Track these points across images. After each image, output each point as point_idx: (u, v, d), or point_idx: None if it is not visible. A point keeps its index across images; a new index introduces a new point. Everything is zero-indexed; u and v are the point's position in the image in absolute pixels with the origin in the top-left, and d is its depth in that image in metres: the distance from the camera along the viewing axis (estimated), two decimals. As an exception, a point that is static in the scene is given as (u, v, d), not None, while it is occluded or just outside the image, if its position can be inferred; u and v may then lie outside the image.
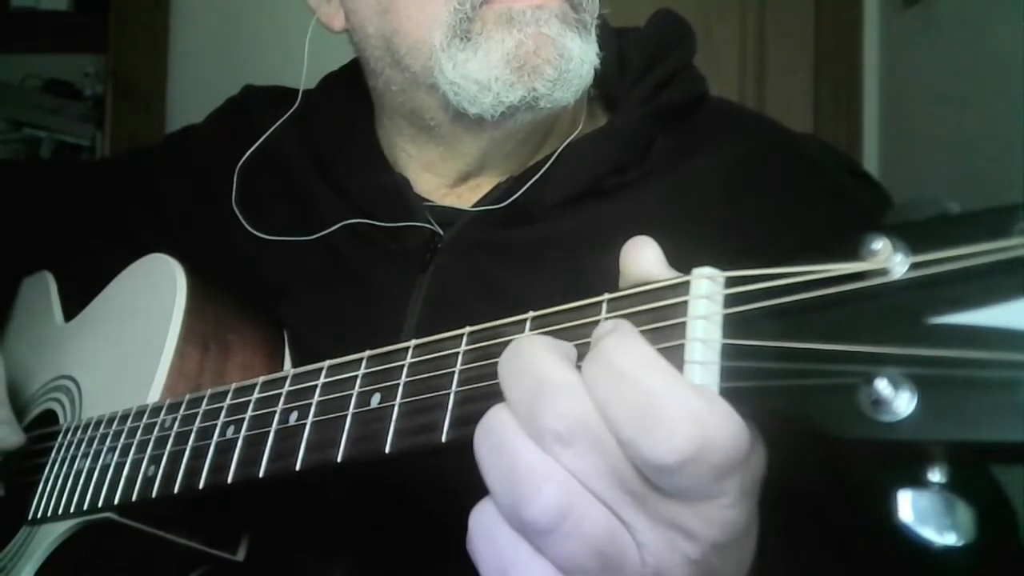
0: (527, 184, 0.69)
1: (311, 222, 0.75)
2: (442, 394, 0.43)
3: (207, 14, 2.03)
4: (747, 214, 0.66)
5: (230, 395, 0.56)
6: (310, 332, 0.72)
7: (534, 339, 0.37)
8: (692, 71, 0.75)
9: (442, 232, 0.71)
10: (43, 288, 0.89)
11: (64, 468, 0.67)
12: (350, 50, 0.77)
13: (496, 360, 0.38)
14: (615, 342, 0.35)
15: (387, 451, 0.44)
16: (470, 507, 0.37)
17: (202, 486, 0.54)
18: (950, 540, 0.30)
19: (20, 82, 2.00)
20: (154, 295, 0.71)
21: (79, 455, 0.66)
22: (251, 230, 0.77)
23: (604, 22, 0.70)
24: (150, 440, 0.60)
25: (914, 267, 0.31)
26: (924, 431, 0.29)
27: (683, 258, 0.40)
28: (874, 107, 2.05)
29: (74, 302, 0.84)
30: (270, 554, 0.66)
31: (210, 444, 0.55)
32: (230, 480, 0.52)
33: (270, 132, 0.80)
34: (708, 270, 0.37)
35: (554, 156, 0.70)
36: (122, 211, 0.90)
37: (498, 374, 0.37)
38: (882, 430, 0.30)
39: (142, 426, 0.61)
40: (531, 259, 0.68)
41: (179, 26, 2.01)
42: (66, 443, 0.68)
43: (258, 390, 0.54)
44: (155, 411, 0.61)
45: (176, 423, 0.58)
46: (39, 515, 0.67)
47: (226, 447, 0.54)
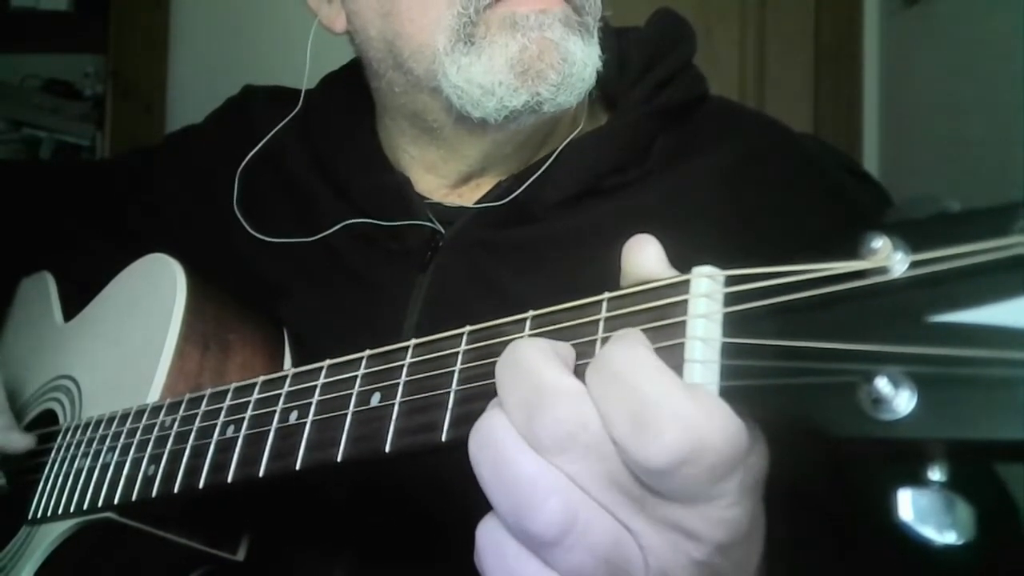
0: (527, 182, 0.69)
1: (311, 222, 0.75)
2: (442, 393, 0.43)
3: (207, 14, 2.03)
4: (747, 213, 0.66)
5: (230, 394, 0.56)
6: (310, 332, 0.72)
7: (531, 342, 0.37)
8: (692, 70, 0.75)
9: (443, 231, 0.71)
10: (43, 288, 0.89)
11: (64, 468, 0.67)
12: (350, 50, 0.77)
13: (496, 360, 0.38)
14: (615, 347, 0.35)
15: (387, 450, 0.44)
16: (470, 506, 0.37)
17: (202, 485, 0.54)
18: (950, 539, 0.30)
19: (20, 82, 2.00)
20: (154, 295, 0.71)
21: (79, 455, 0.66)
22: (252, 231, 0.77)
23: (605, 23, 0.70)
24: (150, 439, 0.60)
25: (914, 265, 0.31)
26: (924, 429, 0.29)
27: (683, 257, 0.40)
28: (874, 107, 2.05)
29: (74, 302, 0.84)
30: (270, 554, 0.66)
31: (210, 443, 0.55)
32: (230, 479, 0.52)
33: (272, 134, 0.80)
34: (708, 269, 0.37)
35: (554, 155, 0.70)
36: (122, 211, 0.90)
37: (496, 377, 0.37)
38: (882, 429, 0.30)
39: (142, 426, 0.61)
40: (531, 258, 0.68)
41: (179, 26, 2.01)
42: (66, 443, 0.69)
43: (258, 389, 0.54)
44: (155, 411, 0.61)
45: (176, 422, 0.58)
46: (39, 515, 0.67)
47: (226, 446, 0.54)
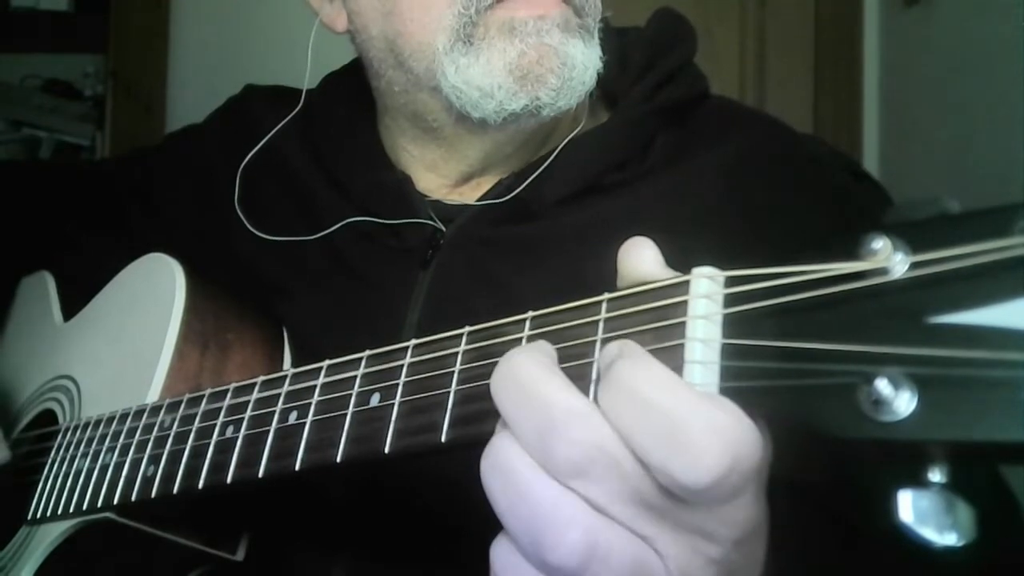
0: (528, 180, 0.69)
1: (312, 220, 0.75)
2: (442, 393, 0.43)
3: (207, 14, 2.03)
4: (747, 213, 0.66)
5: (230, 394, 0.56)
6: (311, 331, 0.72)
7: (528, 356, 0.36)
8: (693, 69, 0.75)
9: (444, 228, 0.71)
10: (42, 288, 0.89)
11: (63, 468, 0.67)
12: (351, 50, 0.77)
13: (496, 360, 0.38)
14: (629, 367, 0.34)
15: (386, 451, 0.44)
16: (470, 507, 0.37)
17: (202, 486, 0.54)
18: (951, 540, 0.30)
19: (20, 82, 2.00)
20: (153, 294, 0.71)
21: (78, 455, 0.66)
22: (253, 231, 0.77)
23: (605, 23, 0.70)
24: (149, 440, 0.59)
25: (914, 266, 0.31)
26: (924, 431, 0.29)
27: (683, 257, 0.39)
28: (874, 107, 2.05)
29: (73, 302, 0.84)
30: (270, 554, 0.66)
31: (209, 444, 0.55)
32: (229, 480, 0.52)
33: (274, 132, 0.80)
34: (708, 269, 0.37)
35: (555, 153, 0.70)
36: (122, 211, 0.90)
37: (493, 397, 0.36)
38: (882, 430, 0.30)
39: (141, 426, 0.61)
40: (532, 255, 0.68)
41: (179, 26, 2.01)
42: (65, 443, 0.68)
43: (257, 389, 0.54)
44: (154, 411, 0.61)
45: (175, 423, 0.58)
46: (38, 515, 0.67)
47: (225, 447, 0.54)
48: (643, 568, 0.34)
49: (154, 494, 0.57)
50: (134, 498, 0.58)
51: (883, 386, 0.30)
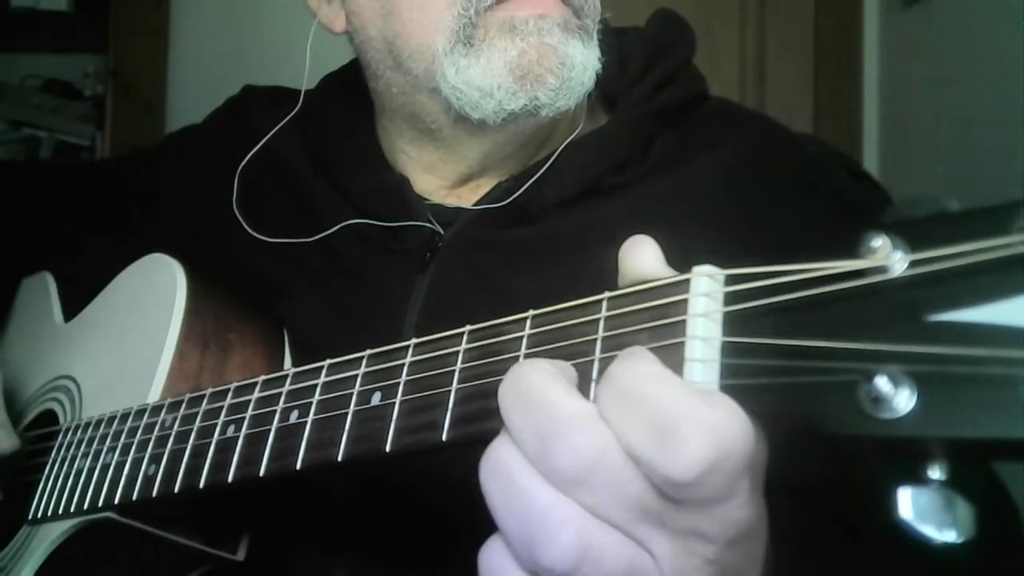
0: (527, 183, 0.69)
1: (311, 222, 0.75)
2: (442, 392, 0.43)
3: (207, 14, 2.03)
4: (747, 213, 0.66)
5: (230, 394, 0.56)
6: (311, 331, 0.72)
7: (535, 366, 0.36)
8: (692, 70, 0.75)
9: (442, 231, 0.71)
10: (43, 288, 0.89)
11: (64, 468, 0.67)
12: (350, 50, 0.77)
13: (496, 358, 0.38)
14: (621, 364, 0.35)
15: (387, 450, 0.44)
16: (471, 507, 0.37)
17: (203, 485, 0.54)
18: (950, 537, 0.30)
19: (20, 82, 2.00)
20: (154, 295, 0.71)
21: (79, 455, 0.66)
22: (251, 232, 0.77)
23: (605, 24, 0.70)
24: (150, 439, 0.60)
25: (913, 264, 0.31)
26: (924, 428, 0.29)
27: (683, 256, 0.40)
28: (874, 107, 2.05)
29: (74, 302, 0.84)
30: (270, 554, 0.66)
31: (211, 443, 0.55)
32: (231, 479, 0.52)
33: (272, 133, 0.80)
34: (708, 268, 0.37)
35: (554, 156, 0.70)
36: (122, 211, 0.90)
37: (499, 404, 0.36)
38: (882, 427, 0.30)
39: (142, 425, 0.61)
40: (531, 258, 0.68)
41: (179, 26, 2.01)
42: (66, 443, 0.69)
43: (258, 389, 0.54)
44: (155, 410, 0.61)
45: (176, 422, 0.58)
46: (39, 515, 0.67)
47: (226, 446, 0.54)
48: (636, 570, 0.34)
49: (155, 493, 0.57)
50: (135, 497, 0.58)
51: (883, 383, 0.30)
